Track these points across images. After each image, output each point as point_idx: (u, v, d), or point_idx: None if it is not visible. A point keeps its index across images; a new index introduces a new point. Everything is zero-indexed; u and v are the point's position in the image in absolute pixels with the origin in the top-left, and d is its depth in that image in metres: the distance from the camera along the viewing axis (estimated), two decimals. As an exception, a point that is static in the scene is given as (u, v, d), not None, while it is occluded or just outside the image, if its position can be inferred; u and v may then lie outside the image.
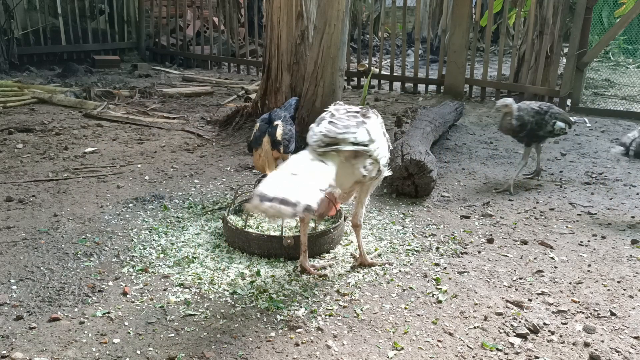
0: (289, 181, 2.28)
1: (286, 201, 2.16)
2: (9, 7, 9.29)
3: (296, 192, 2.20)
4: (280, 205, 2.14)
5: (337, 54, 5.11)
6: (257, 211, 2.21)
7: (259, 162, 3.60)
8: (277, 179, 2.30)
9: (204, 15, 11.44)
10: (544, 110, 4.35)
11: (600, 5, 8.23)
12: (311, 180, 2.33)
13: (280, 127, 3.59)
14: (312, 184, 2.30)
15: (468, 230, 3.56)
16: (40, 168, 4.58)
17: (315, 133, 2.57)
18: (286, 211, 2.16)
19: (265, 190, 2.19)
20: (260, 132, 3.59)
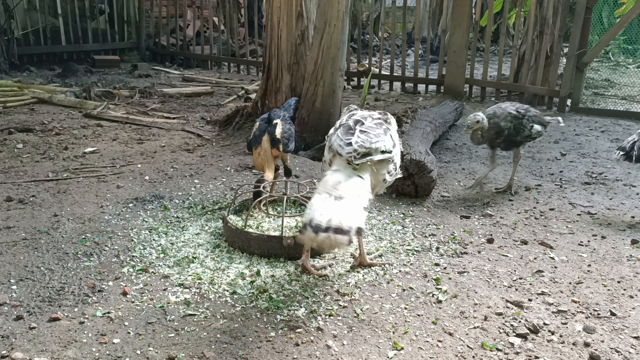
0: (336, 206, 2.23)
1: (341, 230, 2.17)
2: (9, 7, 9.30)
3: (347, 218, 2.19)
4: (336, 235, 2.15)
5: (337, 54, 5.11)
6: (313, 243, 2.22)
7: (258, 161, 3.59)
8: (324, 204, 2.25)
9: (204, 15, 11.45)
10: (522, 114, 4.11)
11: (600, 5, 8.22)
12: (355, 199, 2.30)
13: (280, 125, 3.59)
14: (357, 204, 2.28)
15: (468, 230, 3.56)
16: (40, 168, 4.58)
17: (346, 142, 2.46)
18: (342, 240, 2.17)
19: (317, 219, 2.17)
20: (260, 131, 3.59)
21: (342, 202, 2.27)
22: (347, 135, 2.51)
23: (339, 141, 2.51)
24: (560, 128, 6.52)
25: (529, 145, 5.40)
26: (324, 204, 2.25)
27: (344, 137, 2.50)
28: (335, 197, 2.28)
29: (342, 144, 2.49)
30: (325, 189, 2.34)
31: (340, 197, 2.28)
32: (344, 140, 2.48)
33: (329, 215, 2.20)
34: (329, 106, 5.26)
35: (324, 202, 2.26)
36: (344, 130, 2.57)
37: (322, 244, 2.17)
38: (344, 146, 2.46)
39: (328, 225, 2.17)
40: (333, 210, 2.22)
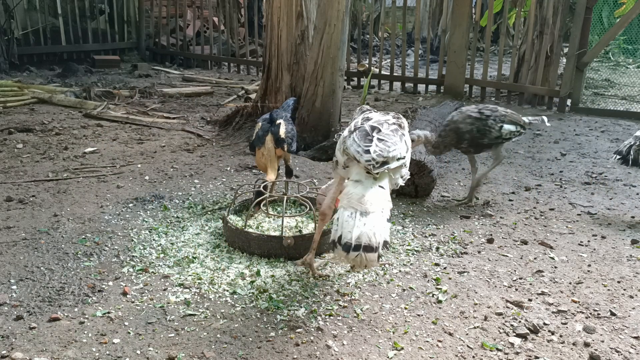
0: (363, 222, 2.23)
1: (371, 247, 2.18)
2: (9, 7, 9.30)
3: (375, 234, 2.20)
4: (367, 253, 2.17)
5: (337, 54, 5.11)
6: (344, 262, 2.24)
7: (261, 161, 3.58)
8: (352, 221, 2.24)
9: (204, 15, 11.44)
10: (486, 115, 3.86)
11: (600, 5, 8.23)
12: (380, 212, 2.30)
13: (283, 125, 3.59)
14: (382, 218, 2.28)
15: (468, 230, 3.56)
16: (40, 168, 4.58)
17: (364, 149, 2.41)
18: (373, 258, 2.19)
19: (347, 237, 2.18)
20: (263, 131, 3.57)
21: (368, 218, 2.26)
22: (364, 141, 2.47)
23: (355, 147, 2.46)
24: (560, 128, 6.53)
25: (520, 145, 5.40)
26: (352, 221, 2.25)
27: (362, 144, 2.45)
28: (361, 213, 2.27)
29: (360, 150, 2.43)
30: (349, 203, 2.32)
31: (366, 213, 2.27)
32: (362, 147, 2.44)
33: (358, 232, 2.21)
34: (329, 106, 5.26)
35: (352, 219, 2.26)
36: (360, 136, 2.51)
37: (354, 262, 2.19)
38: (362, 153, 2.42)
39: (358, 243, 2.18)
40: (361, 227, 2.22)
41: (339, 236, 2.23)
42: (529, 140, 5.97)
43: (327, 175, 4.53)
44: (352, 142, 2.50)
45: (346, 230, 2.23)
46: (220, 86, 8.86)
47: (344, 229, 2.24)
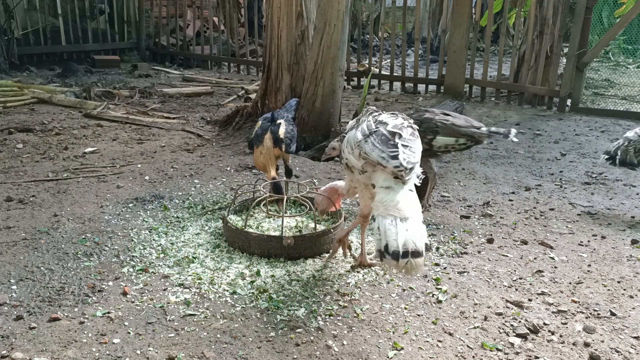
0: (405, 228, 2.26)
1: (417, 252, 2.21)
2: (9, 7, 9.30)
3: (417, 238, 2.24)
4: (415, 258, 2.20)
5: (337, 54, 5.11)
6: (394, 270, 2.30)
7: (259, 160, 3.57)
8: (395, 228, 2.26)
9: (204, 15, 11.45)
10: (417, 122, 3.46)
11: (600, 5, 8.22)
12: (417, 216, 2.33)
13: (284, 125, 3.59)
14: (419, 220, 2.31)
15: (468, 230, 3.56)
16: (40, 168, 4.58)
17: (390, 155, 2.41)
18: (420, 262, 2.22)
19: (394, 246, 2.21)
20: (262, 129, 3.57)
21: (408, 223, 2.28)
22: (387, 146, 2.45)
23: (378, 152, 2.45)
24: (560, 128, 6.53)
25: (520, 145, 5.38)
26: (394, 228, 2.26)
27: (386, 149, 2.44)
28: (400, 219, 2.28)
29: (384, 156, 2.43)
30: (387, 211, 2.32)
31: (405, 218, 2.29)
32: (387, 153, 2.43)
33: (403, 239, 2.23)
34: (329, 106, 5.26)
35: (394, 226, 2.27)
36: (381, 141, 2.49)
37: (404, 269, 2.21)
38: (388, 159, 2.41)
39: (405, 249, 2.20)
40: (404, 234, 2.24)
41: (385, 245, 2.23)
42: (529, 140, 5.97)
43: (327, 175, 4.53)
44: (372, 147, 2.48)
45: (391, 239, 2.23)
46: (220, 86, 8.86)
47: (388, 237, 2.24)
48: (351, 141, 2.66)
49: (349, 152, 2.68)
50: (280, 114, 3.71)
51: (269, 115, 3.73)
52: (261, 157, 3.54)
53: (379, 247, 2.27)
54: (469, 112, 7.22)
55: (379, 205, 2.38)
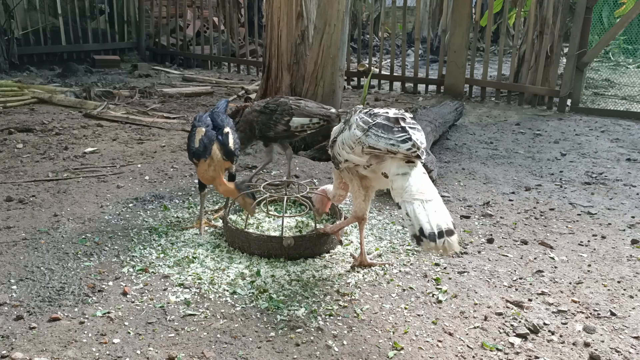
0: (432, 209, 2.27)
1: (450, 231, 2.21)
2: (9, 7, 9.30)
3: (445, 217, 2.25)
4: (449, 237, 2.19)
5: (337, 54, 5.12)
6: (433, 252, 2.29)
7: (208, 173, 3.24)
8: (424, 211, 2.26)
9: (204, 15, 11.45)
10: (271, 109, 3.92)
11: (600, 5, 8.23)
12: (437, 196, 2.34)
13: (231, 134, 3.31)
14: (440, 201, 2.33)
15: (468, 230, 3.56)
16: (40, 168, 4.58)
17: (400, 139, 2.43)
18: (455, 239, 2.21)
19: (428, 228, 2.20)
20: (209, 139, 3.21)
21: (434, 204, 2.28)
22: (392, 133, 2.46)
23: (385, 141, 2.45)
24: (560, 128, 6.53)
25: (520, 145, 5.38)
26: (424, 212, 2.26)
27: (393, 136, 2.45)
28: (426, 201, 2.29)
29: (394, 142, 2.43)
30: (412, 196, 2.31)
31: (429, 200, 2.29)
32: (395, 139, 2.43)
33: (435, 220, 2.22)
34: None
35: (423, 210, 2.26)
36: (385, 129, 2.49)
37: (442, 249, 2.19)
38: (398, 144, 2.42)
39: (440, 230, 2.20)
40: (435, 215, 2.25)
41: (420, 229, 2.21)
42: (529, 140, 5.97)
43: (327, 175, 4.53)
44: (377, 138, 2.48)
45: (424, 222, 2.22)
46: (220, 86, 8.86)
47: (421, 221, 2.22)
48: (348, 141, 2.65)
49: (348, 152, 2.66)
50: (223, 120, 3.39)
51: (208, 120, 3.34)
52: (210, 170, 3.22)
53: (413, 232, 2.24)
54: (469, 112, 7.22)
55: (401, 192, 2.37)
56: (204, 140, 3.20)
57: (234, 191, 3.26)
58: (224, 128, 3.31)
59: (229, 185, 3.28)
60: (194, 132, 3.26)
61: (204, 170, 3.23)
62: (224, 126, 3.33)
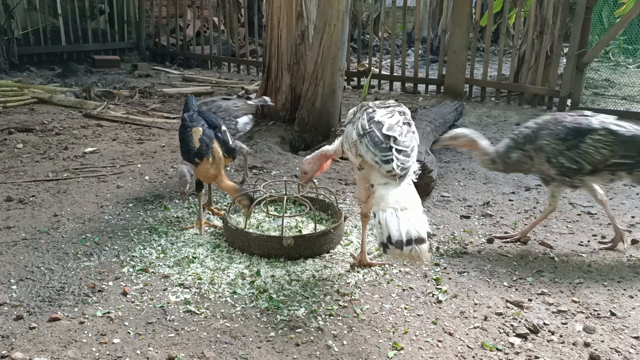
0: (405, 217, 2.29)
1: (420, 239, 2.23)
2: (9, 7, 9.29)
3: (419, 225, 2.27)
4: (419, 245, 2.22)
5: (337, 54, 5.12)
6: (399, 259, 2.31)
7: (210, 172, 3.24)
8: (395, 219, 2.29)
9: (204, 15, 11.44)
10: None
11: (600, 5, 8.23)
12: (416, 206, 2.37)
13: (227, 132, 3.36)
14: (419, 210, 2.36)
15: (468, 230, 3.56)
16: (40, 168, 4.58)
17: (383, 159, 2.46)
18: (425, 248, 2.23)
19: (396, 235, 2.23)
20: (209, 137, 3.22)
21: (409, 213, 2.31)
22: (379, 150, 2.49)
23: (372, 156, 2.50)
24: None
25: None
26: (396, 219, 2.28)
27: (379, 153, 2.48)
28: (400, 210, 2.31)
29: (377, 160, 2.47)
30: (387, 204, 2.35)
31: (405, 209, 2.32)
32: (380, 157, 2.47)
33: (405, 228, 2.25)
34: (329, 106, 5.27)
35: (395, 217, 2.29)
36: (374, 144, 2.51)
37: (409, 257, 2.22)
38: (381, 164, 2.46)
39: (408, 237, 2.22)
40: (406, 223, 2.26)
41: (388, 236, 2.25)
42: (529, 140, 5.97)
43: (327, 175, 4.53)
44: (366, 150, 2.52)
45: (393, 229, 2.25)
46: (220, 86, 8.85)
47: (390, 228, 2.26)
48: (348, 138, 2.70)
49: (347, 148, 2.72)
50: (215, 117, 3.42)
51: (199, 117, 3.33)
52: (211, 169, 3.23)
53: (381, 240, 2.28)
54: (469, 112, 7.22)
55: (379, 201, 2.41)
56: (205, 139, 3.21)
57: (237, 188, 3.29)
58: (220, 126, 3.36)
59: (230, 182, 3.31)
60: (190, 133, 3.24)
61: (206, 169, 3.23)
62: (220, 124, 3.36)
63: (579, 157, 3.04)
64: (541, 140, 3.12)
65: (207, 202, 3.75)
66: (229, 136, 3.37)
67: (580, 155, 3.04)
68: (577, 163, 3.05)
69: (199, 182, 3.42)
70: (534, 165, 3.19)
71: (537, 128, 3.18)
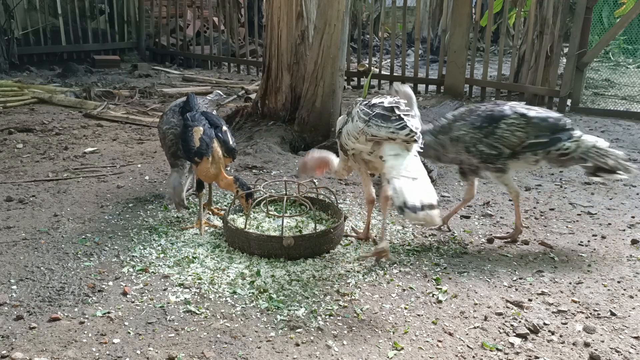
0: (418, 186, 2.55)
1: (432, 205, 2.49)
2: (9, 7, 9.29)
3: (429, 194, 2.53)
4: (431, 211, 2.48)
5: (337, 54, 5.11)
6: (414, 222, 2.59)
7: (211, 171, 3.25)
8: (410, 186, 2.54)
9: (204, 15, 11.44)
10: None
11: (600, 5, 8.22)
12: (424, 177, 2.62)
13: (228, 131, 3.37)
14: (427, 180, 2.61)
15: (468, 230, 3.56)
16: (40, 168, 4.58)
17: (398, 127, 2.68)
18: (436, 213, 2.50)
19: (412, 201, 2.47)
20: (209, 137, 3.24)
21: (420, 182, 2.57)
22: (390, 122, 2.70)
23: (385, 130, 2.70)
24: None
25: None
26: (410, 186, 2.53)
27: (392, 125, 2.69)
28: (412, 179, 2.57)
29: (393, 130, 2.68)
30: (400, 173, 2.60)
31: (416, 178, 2.58)
32: (394, 127, 2.68)
33: (419, 194, 2.50)
34: (329, 106, 5.26)
35: (409, 185, 2.54)
36: (383, 119, 2.72)
37: (423, 220, 2.48)
38: (397, 132, 2.67)
39: (422, 203, 2.47)
40: (419, 190, 2.52)
41: (404, 201, 2.47)
42: (529, 140, 5.97)
43: (327, 174, 4.52)
44: (378, 127, 2.72)
45: (408, 195, 2.49)
46: (220, 86, 8.85)
47: (405, 194, 2.50)
48: (353, 132, 2.87)
49: (354, 142, 2.88)
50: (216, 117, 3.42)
51: (201, 117, 3.35)
52: (212, 168, 3.25)
53: (398, 204, 2.50)
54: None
55: (391, 170, 2.66)
56: (205, 139, 3.23)
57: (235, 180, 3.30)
58: (222, 126, 3.38)
59: (229, 178, 3.33)
60: (191, 132, 3.26)
61: (206, 168, 3.25)
62: (221, 124, 3.39)
63: (497, 142, 3.18)
64: (458, 132, 3.27)
65: (207, 202, 3.76)
66: (229, 136, 3.38)
67: (497, 140, 3.18)
68: (496, 148, 3.19)
69: (200, 182, 3.43)
70: (448, 154, 3.36)
71: (452, 120, 3.35)
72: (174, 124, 3.54)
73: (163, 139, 3.65)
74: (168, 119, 3.62)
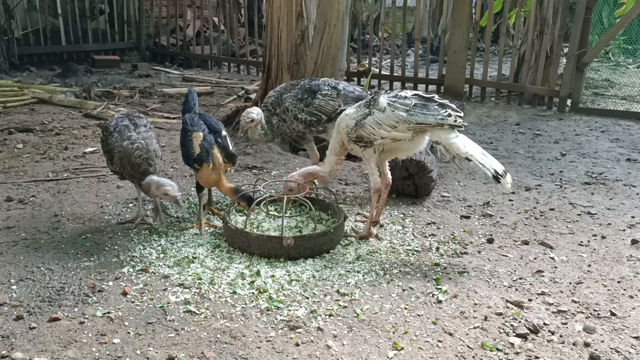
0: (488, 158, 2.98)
1: (505, 171, 2.96)
2: (9, 7, 9.29)
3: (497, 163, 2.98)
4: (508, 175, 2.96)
5: (337, 54, 5.12)
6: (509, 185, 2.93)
7: (211, 178, 3.21)
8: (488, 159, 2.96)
9: (204, 15, 11.44)
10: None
11: (600, 5, 8.21)
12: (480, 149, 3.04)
13: (228, 137, 3.35)
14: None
15: (468, 230, 3.56)
16: (40, 168, 4.58)
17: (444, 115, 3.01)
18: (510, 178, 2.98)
19: (500, 169, 2.92)
20: (209, 144, 3.19)
21: (485, 155, 2.98)
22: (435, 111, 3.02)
23: (433, 117, 3.01)
24: (560, 128, 6.52)
25: (520, 145, 5.37)
26: (487, 159, 2.96)
27: (436, 114, 3.01)
28: (482, 154, 2.97)
29: (439, 118, 3.00)
30: (471, 150, 2.97)
31: (483, 152, 2.99)
32: (441, 115, 3.00)
33: (496, 166, 2.94)
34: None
35: (487, 159, 2.95)
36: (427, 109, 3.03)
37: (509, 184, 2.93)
38: (445, 118, 3.00)
39: (502, 170, 2.94)
40: (492, 162, 2.96)
41: (495, 170, 2.90)
42: (529, 141, 5.97)
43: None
44: (424, 116, 3.02)
45: (495, 165, 2.93)
46: (220, 86, 8.86)
47: (493, 165, 2.93)
48: (389, 121, 3.07)
49: (389, 130, 3.08)
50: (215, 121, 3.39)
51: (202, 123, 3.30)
52: (213, 174, 3.20)
53: (493, 174, 2.88)
54: (469, 112, 7.22)
55: (462, 149, 2.97)
56: (205, 145, 3.18)
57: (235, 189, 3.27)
58: (221, 131, 3.33)
59: (229, 186, 3.29)
60: (190, 138, 3.22)
61: (206, 175, 3.21)
62: (220, 129, 3.34)
63: (317, 111, 3.80)
64: (286, 103, 3.82)
65: (207, 202, 3.75)
66: (229, 141, 3.35)
67: (317, 109, 3.80)
68: (316, 115, 3.81)
69: (199, 184, 3.41)
70: (290, 127, 3.84)
71: (279, 93, 3.90)
72: (137, 138, 3.22)
73: (127, 157, 3.20)
74: (125, 135, 3.24)
